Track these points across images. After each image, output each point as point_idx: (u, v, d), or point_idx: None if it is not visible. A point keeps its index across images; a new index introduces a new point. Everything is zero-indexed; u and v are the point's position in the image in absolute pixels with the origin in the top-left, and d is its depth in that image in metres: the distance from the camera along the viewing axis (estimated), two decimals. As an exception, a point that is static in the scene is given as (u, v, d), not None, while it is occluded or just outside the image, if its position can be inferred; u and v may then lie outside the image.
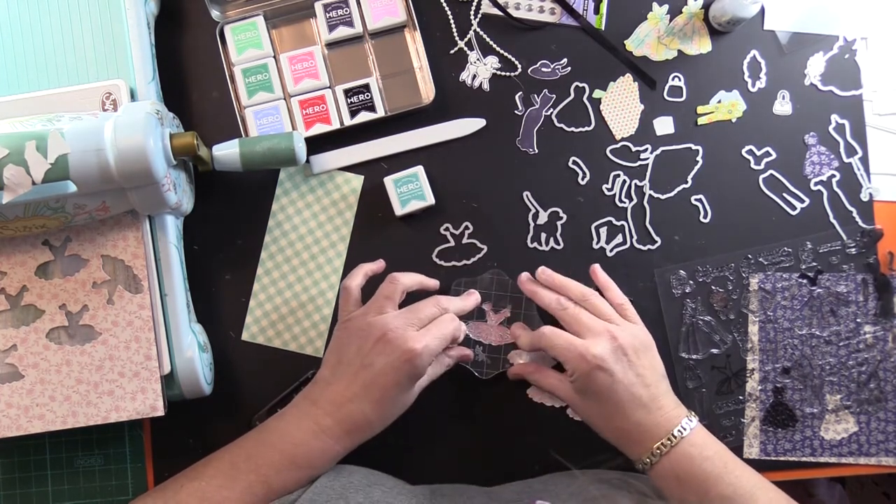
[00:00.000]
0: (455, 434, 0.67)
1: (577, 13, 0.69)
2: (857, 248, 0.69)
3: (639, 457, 0.58)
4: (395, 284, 0.61)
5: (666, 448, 0.56)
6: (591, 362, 0.57)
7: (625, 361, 0.58)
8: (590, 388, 0.58)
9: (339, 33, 0.68)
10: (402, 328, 0.57)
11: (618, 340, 0.58)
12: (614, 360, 0.58)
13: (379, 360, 0.56)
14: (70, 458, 0.67)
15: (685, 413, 0.59)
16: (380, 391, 0.56)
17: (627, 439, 0.59)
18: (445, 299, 0.61)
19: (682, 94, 0.70)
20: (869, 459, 0.68)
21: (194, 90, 0.69)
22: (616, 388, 0.57)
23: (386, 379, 0.56)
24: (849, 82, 0.70)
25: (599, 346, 0.58)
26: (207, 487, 0.55)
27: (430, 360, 0.57)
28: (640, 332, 0.61)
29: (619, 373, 0.57)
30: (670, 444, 0.56)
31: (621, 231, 0.69)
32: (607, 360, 0.57)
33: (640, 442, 0.58)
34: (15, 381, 0.59)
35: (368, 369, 0.56)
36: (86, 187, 0.54)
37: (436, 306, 0.60)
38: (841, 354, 0.68)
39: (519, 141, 0.69)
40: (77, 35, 0.64)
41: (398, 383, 0.56)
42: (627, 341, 0.59)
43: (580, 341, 0.59)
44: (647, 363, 0.59)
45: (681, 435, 0.57)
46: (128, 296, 0.60)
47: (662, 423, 0.57)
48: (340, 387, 0.57)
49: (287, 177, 0.68)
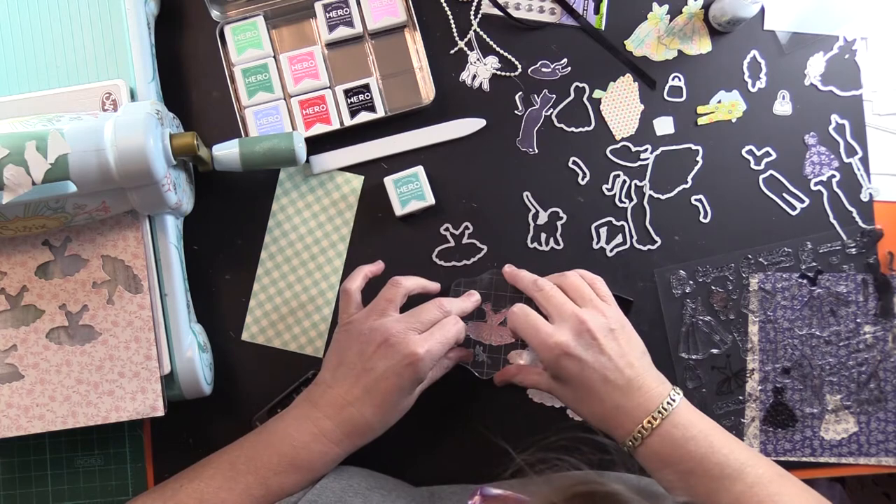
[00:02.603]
0: (455, 434, 0.67)
1: (577, 13, 0.69)
2: (857, 249, 0.69)
3: (622, 440, 0.56)
4: (398, 288, 0.60)
5: (647, 431, 0.54)
6: (554, 350, 0.56)
7: (595, 346, 0.56)
8: (561, 376, 0.57)
9: (339, 33, 0.68)
10: (405, 332, 0.57)
11: (586, 324, 0.56)
12: (582, 346, 0.56)
13: (380, 364, 0.56)
14: (70, 458, 0.67)
15: (668, 391, 0.56)
16: (381, 395, 0.56)
17: (608, 423, 0.57)
18: (448, 301, 0.61)
19: (682, 94, 0.70)
20: (869, 459, 0.68)
21: (194, 90, 0.69)
22: (587, 373, 0.56)
23: (387, 383, 0.56)
24: (849, 82, 0.70)
25: (563, 332, 0.56)
26: (206, 489, 0.54)
27: (432, 365, 0.57)
28: (612, 312, 0.59)
29: (589, 358, 0.56)
30: (651, 426, 0.54)
31: (621, 231, 0.69)
32: (572, 347, 0.56)
33: (620, 425, 0.56)
34: (15, 381, 0.59)
35: (370, 373, 0.56)
36: (86, 187, 0.54)
37: (438, 309, 0.60)
38: (841, 354, 0.68)
39: (519, 141, 0.69)
40: (77, 35, 0.64)
41: (400, 387, 0.56)
42: (597, 324, 0.57)
43: (546, 328, 0.57)
44: (621, 344, 0.57)
45: (661, 416, 0.55)
46: (128, 296, 0.60)
47: (643, 403, 0.55)
48: (341, 390, 0.57)
49: (287, 177, 0.68)
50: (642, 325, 0.67)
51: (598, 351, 0.56)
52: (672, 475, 0.54)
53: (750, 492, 0.52)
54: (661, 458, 0.55)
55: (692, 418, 0.56)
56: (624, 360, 0.57)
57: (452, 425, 0.67)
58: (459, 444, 0.67)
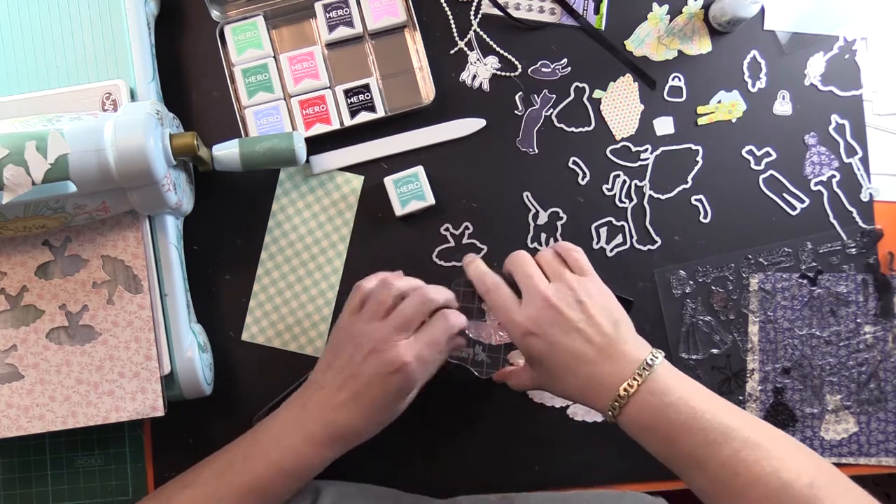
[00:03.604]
0: (455, 435, 0.67)
1: (577, 13, 0.69)
2: (858, 249, 0.69)
3: (602, 409, 0.54)
4: (389, 289, 0.58)
5: (623, 400, 0.52)
6: (519, 328, 0.55)
7: (560, 320, 0.55)
8: (532, 357, 0.56)
9: (339, 33, 0.68)
10: (392, 338, 0.55)
11: (549, 300, 0.55)
12: (547, 323, 0.55)
13: (368, 370, 0.55)
14: (70, 458, 0.67)
15: (646, 354, 0.54)
16: (368, 401, 0.55)
17: (585, 397, 0.55)
18: (432, 291, 0.58)
19: (682, 94, 0.69)
20: (869, 459, 0.68)
21: (194, 90, 0.69)
22: (554, 349, 0.54)
23: (374, 390, 0.55)
24: (849, 82, 0.70)
25: (526, 309, 0.55)
26: (198, 497, 0.54)
27: (423, 370, 0.56)
28: (583, 283, 0.57)
29: (556, 335, 0.54)
30: (627, 394, 0.52)
31: (621, 231, 0.69)
32: (536, 324, 0.55)
33: (597, 396, 0.54)
34: (15, 382, 0.59)
35: (357, 379, 0.55)
36: (86, 187, 0.54)
37: (423, 304, 0.57)
38: (841, 355, 0.68)
39: (519, 141, 0.69)
40: (77, 35, 0.64)
41: (387, 394, 0.55)
42: (561, 297, 0.55)
43: (512, 306, 0.56)
44: (591, 314, 0.55)
45: (637, 382, 0.52)
46: (128, 296, 0.60)
47: (616, 371, 0.53)
48: (330, 392, 0.56)
49: (287, 177, 0.68)
50: (643, 325, 0.67)
51: (564, 324, 0.55)
52: (655, 443, 0.53)
53: (737, 456, 0.49)
54: (641, 425, 0.53)
55: (670, 384, 0.53)
56: (594, 329, 0.55)
57: (451, 426, 0.67)
58: (459, 444, 0.67)
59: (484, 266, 0.61)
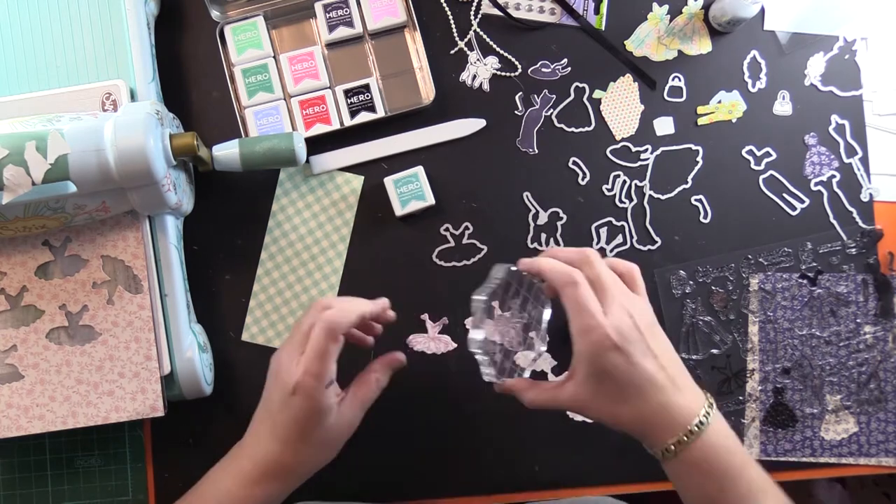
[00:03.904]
0: (455, 436, 0.67)
1: (577, 13, 0.69)
2: (858, 249, 0.69)
3: (663, 443, 0.50)
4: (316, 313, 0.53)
5: (693, 436, 0.50)
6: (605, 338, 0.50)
7: (640, 340, 0.51)
8: (604, 370, 0.50)
9: (339, 33, 0.68)
10: (288, 360, 0.53)
11: (634, 317, 0.51)
12: (629, 340, 0.50)
13: (274, 396, 0.53)
14: (70, 458, 0.67)
15: (705, 396, 0.52)
16: (282, 429, 0.53)
17: (648, 425, 0.51)
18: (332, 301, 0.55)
19: (682, 94, 0.69)
20: (869, 460, 0.68)
21: (194, 90, 0.69)
22: (634, 370, 0.50)
23: (283, 416, 0.53)
24: (849, 82, 0.70)
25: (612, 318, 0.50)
26: None
27: (321, 386, 0.52)
28: (649, 308, 0.54)
29: (636, 354, 0.50)
30: (699, 430, 0.50)
31: (621, 231, 0.69)
32: (623, 338, 0.50)
33: (663, 427, 0.50)
34: (15, 382, 0.59)
35: (268, 408, 0.54)
36: (86, 187, 0.54)
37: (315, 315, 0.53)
38: (841, 355, 0.68)
39: (519, 141, 0.69)
40: (77, 35, 0.64)
41: (296, 419, 0.52)
42: (643, 318, 0.52)
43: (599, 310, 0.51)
44: (661, 341, 0.52)
45: (707, 421, 0.50)
46: (128, 296, 0.60)
47: (685, 405, 0.50)
48: (254, 426, 0.55)
49: (287, 177, 0.68)
50: (642, 326, 0.67)
51: (642, 344, 0.51)
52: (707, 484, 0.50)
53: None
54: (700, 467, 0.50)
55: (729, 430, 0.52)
56: (665, 357, 0.52)
57: (451, 427, 0.67)
58: (461, 446, 0.67)
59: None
